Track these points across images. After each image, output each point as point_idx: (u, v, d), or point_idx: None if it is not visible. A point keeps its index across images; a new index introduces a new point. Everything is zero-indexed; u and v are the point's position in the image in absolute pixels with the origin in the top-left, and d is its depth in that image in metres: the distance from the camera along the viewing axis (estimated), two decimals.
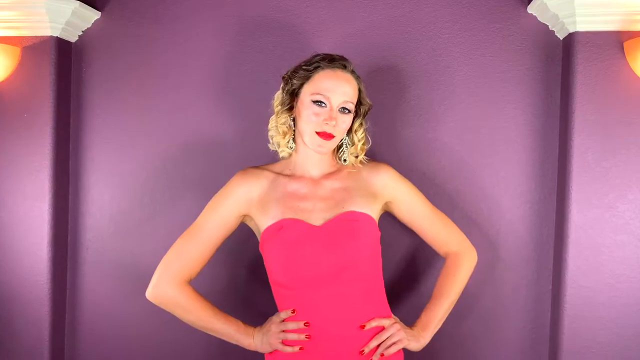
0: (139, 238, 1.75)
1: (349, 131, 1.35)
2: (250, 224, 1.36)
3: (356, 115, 1.34)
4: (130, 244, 1.75)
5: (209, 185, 1.66)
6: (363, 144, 1.36)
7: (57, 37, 1.66)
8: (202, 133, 1.70)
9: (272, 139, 1.38)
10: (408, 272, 1.67)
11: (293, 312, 1.26)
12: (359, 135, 1.35)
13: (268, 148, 1.47)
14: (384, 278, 1.36)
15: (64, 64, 1.72)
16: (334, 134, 1.27)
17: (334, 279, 1.24)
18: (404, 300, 1.65)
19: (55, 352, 1.75)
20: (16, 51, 1.65)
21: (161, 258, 1.70)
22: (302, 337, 1.24)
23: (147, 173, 1.73)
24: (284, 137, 1.33)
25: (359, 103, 1.32)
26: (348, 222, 1.27)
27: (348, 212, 1.28)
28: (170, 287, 1.29)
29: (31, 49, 1.67)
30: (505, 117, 1.61)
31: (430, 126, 1.63)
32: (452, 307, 1.40)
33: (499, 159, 1.61)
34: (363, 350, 1.24)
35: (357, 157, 1.36)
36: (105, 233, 1.77)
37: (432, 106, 1.63)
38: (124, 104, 1.73)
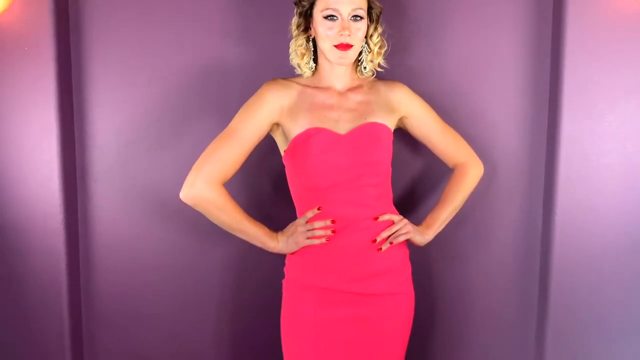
0: (147, 169, 1.79)
1: (365, 38, 1.41)
2: (276, 134, 1.44)
3: (370, 22, 1.41)
4: (138, 175, 1.79)
5: (215, 114, 1.72)
6: (379, 48, 1.44)
7: None
8: (207, 62, 1.72)
9: (292, 61, 1.46)
10: (413, 193, 1.76)
11: (319, 209, 1.37)
12: (375, 39, 1.43)
13: (272, 77, 1.53)
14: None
15: None
16: (352, 43, 1.35)
17: (355, 182, 1.37)
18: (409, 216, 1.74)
19: (72, 280, 1.81)
20: None
21: (170, 187, 1.77)
22: (329, 232, 1.37)
23: (152, 103, 1.75)
24: (302, 59, 1.43)
25: (369, 9, 1.39)
26: (370, 131, 1.38)
27: (370, 122, 1.39)
28: (207, 187, 1.33)
29: None
30: (499, 37, 1.66)
31: (428, 48, 1.68)
32: (455, 212, 1.54)
33: (493, 77, 1.68)
34: (375, 240, 1.38)
35: (374, 62, 1.44)
36: (113, 165, 1.81)
37: (430, 28, 1.67)
38: (125, 34, 1.72)
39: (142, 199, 1.80)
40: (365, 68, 1.45)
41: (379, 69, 1.48)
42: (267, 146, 1.51)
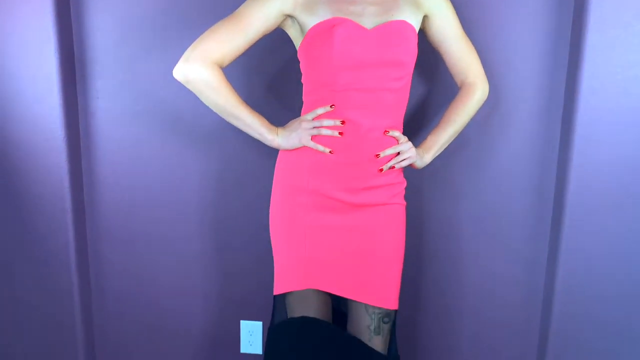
0: (150, 81, 1.73)
1: None
2: (289, 28, 1.34)
3: None
4: (141, 87, 1.74)
5: (218, 14, 1.62)
6: None
7: None
8: None
9: None
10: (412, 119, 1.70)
11: (332, 107, 1.29)
12: None
13: None
14: None
15: None
16: None
17: (376, 82, 1.28)
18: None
19: (75, 196, 1.79)
20: None
21: (172, 96, 1.71)
22: (336, 133, 1.30)
23: (155, 11, 1.67)
24: None
25: None
26: (398, 30, 1.28)
27: (398, 20, 1.28)
28: (204, 65, 1.26)
29: None
30: None
31: None
32: (455, 135, 1.46)
33: None
34: (379, 155, 1.31)
35: None
36: (115, 80, 1.75)
37: None
38: None
39: (146, 110, 1.76)
40: None
41: None
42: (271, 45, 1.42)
